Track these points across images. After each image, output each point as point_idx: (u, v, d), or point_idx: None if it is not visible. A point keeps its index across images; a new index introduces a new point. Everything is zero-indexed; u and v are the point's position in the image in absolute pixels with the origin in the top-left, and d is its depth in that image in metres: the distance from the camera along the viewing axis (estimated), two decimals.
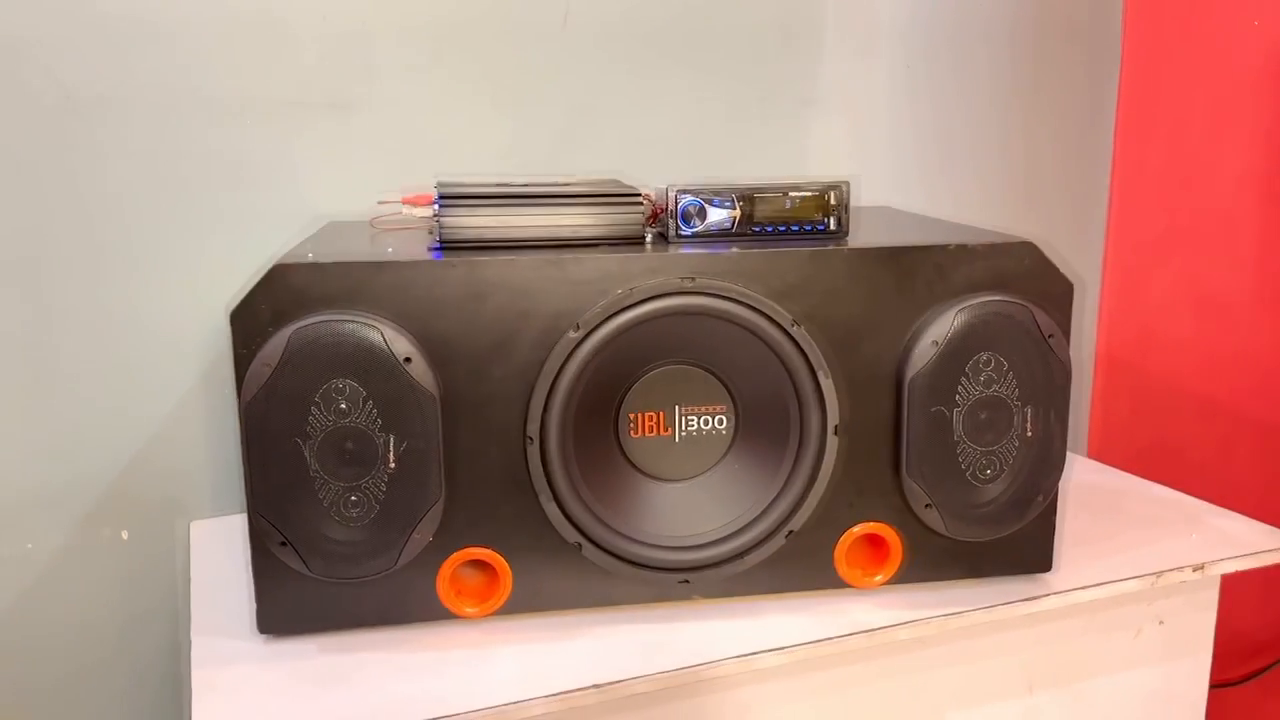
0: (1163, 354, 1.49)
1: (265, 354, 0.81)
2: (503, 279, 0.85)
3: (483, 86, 1.21)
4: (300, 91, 1.14)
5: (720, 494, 0.92)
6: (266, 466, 0.82)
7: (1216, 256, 1.40)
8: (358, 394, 0.82)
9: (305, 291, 0.82)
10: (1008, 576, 0.98)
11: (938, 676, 0.98)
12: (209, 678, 0.83)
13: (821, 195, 0.93)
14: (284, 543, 0.84)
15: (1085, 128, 1.52)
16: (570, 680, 0.82)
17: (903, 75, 1.40)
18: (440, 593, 0.88)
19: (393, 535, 0.85)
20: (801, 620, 0.91)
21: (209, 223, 1.13)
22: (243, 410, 0.81)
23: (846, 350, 0.90)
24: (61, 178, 1.08)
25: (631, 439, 0.91)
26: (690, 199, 0.92)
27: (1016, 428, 0.91)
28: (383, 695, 0.81)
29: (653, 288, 0.86)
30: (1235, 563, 1.03)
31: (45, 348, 1.10)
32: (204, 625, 0.92)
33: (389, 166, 1.19)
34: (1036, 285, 0.92)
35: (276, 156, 1.15)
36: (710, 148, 1.32)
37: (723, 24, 1.30)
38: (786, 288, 0.88)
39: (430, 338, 0.85)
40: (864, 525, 0.93)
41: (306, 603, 0.87)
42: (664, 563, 0.91)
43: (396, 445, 0.83)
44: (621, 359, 0.89)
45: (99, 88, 1.07)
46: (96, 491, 1.13)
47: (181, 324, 1.14)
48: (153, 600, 1.17)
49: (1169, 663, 1.08)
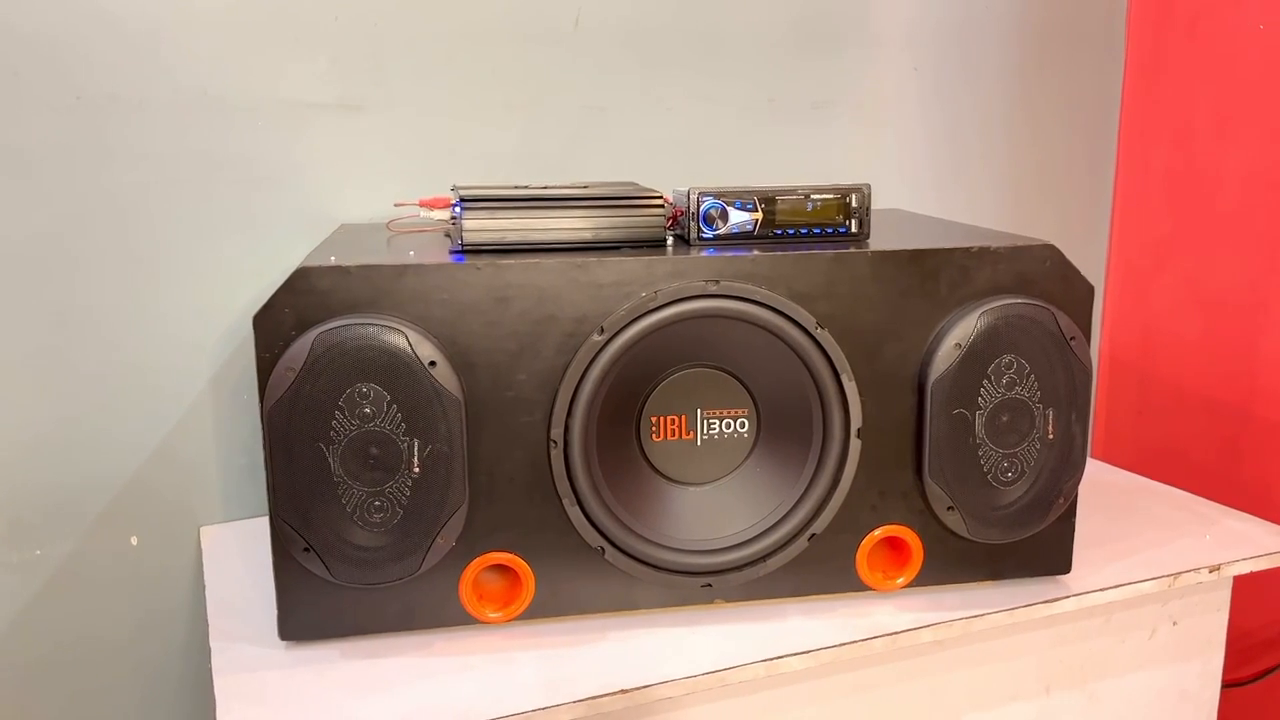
0: (1167, 356, 1.49)
1: (289, 358, 0.80)
2: (526, 282, 0.84)
3: (494, 88, 1.21)
4: (313, 93, 1.14)
5: (742, 497, 0.92)
6: (290, 471, 0.81)
7: (1221, 258, 1.41)
8: (382, 398, 0.81)
9: (329, 295, 0.82)
10: (1027, 578, 0.98)
11: (956, 678, 0.98)
12: (232, 685, 0.82)
13: (843, 198, 0.93)
14: (307, 548, 0.83)
15: (1090, 131, 1.53)
16: (594, 685, 0.82)
17: (910, 79, 1.40)
18: (463, 598, 0.88)
19: (416, 540, 0.84)
20: (824, 624, 0.91)
21: (219, 225, 1.12)
22: (266, 415, 0.81)
23: (869, 353, 0.90)
24: (74, 179, 1.07)
25: (654, 442, 0.90)
26: (712, 201, 0.92)
27: (1038, 430, 0.91)
28: (408, 702, 0.80)
29: (676, 291, 0.86)
30: (1250, 563, 1.04)
31: (55, 351, 1.08)
32: (222, 631, 0.91)
33: (401, 169, 1.18)
34: (1058, 287, 0.92)
35: (288, 158, 1.14)
36: (720, 151, 1.32)
37: (733, 28, 1.30)
38: (809, 290, 0.88)
39: (454, 341, 0.84)
40: (885, 528, 0.93)
41: (329, 609, 0.86)
42: (686, 566, 0.90)
43: (421, 450, 0.82)
44: (644, 362, 0.88)
45: (113, 89, 1.06)
46: (106, 497, 1.12)
47: (192, 327, 1.13)
48: (163, 605, 1.16)
49: (1182, 663, 1.08)
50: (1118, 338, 1.56)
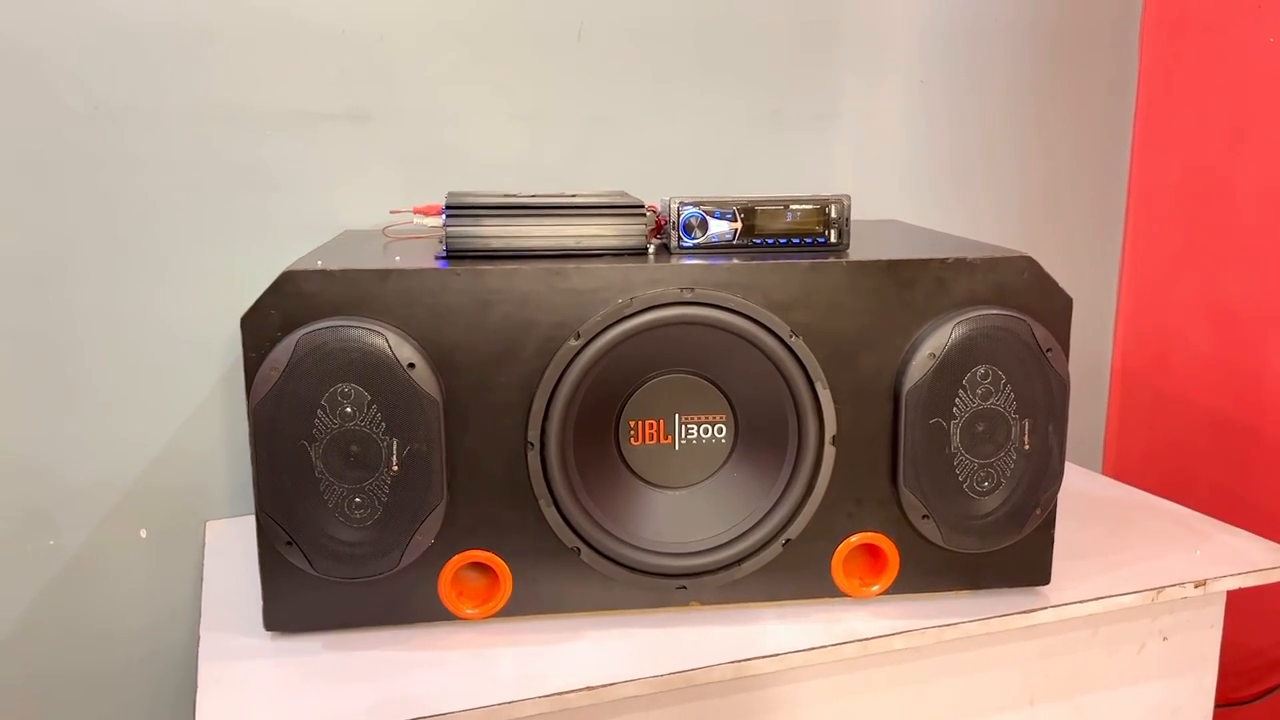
0: (1180, 371, 1.48)
1: (273, 358, 0.83)
2: (506, 288, 0.87)
3: (499, 99, 1.24)
4: (321, 102, 1.17)
5: (718, 502, 0.93)
6: (274, 467, 0.85)
7: (1234, 271, 1.40)
8: (362, 398, 0.84)
9: (313, 298, 0.85)
10: (1006, 589, 0.98)
11: (939, 687, 0.98)
12: (215, 672, 0.86)
13: (821, 208, 0.94)
14: (290, 542, 0.86)
15: (1102, 142, 1.52)
16: (565, 682, 0.84)
17: (917, 91, 1.41)
18: (442, 594, 0.90)
19: (396, 537, 0.87)
20: (797, 628, 0.92)
21: (230, 230, 1.17)
22: (251, 412, 0.84)
23: (845, 361, 0.91)
24: (91, 185, 1.11)
25: (632, 446, 0.92)
26: (692, 211, 0.93)
27: (1014, 440, 0.92)
28: (384, 692, 0.83)
29: (651, 298, 0.87)
30: (1239, 579, 1.03)
31: (71, 350, 1.13)
32: (213, 622, 0.94)
33: (407, 177, 1.22)
34: (1035, 299, 0.92)
35: (298, 166, 1.18)
36: (724, 162, 1.34)
37: (738, 38, 1.32)
38: (785, 299, 0.90)
39: (435, 344, 0.87)
40: (861, 535, 0.94)
41: (312, 601, 0.89)
42: (662, 568, 0.92)
43: (400, 449, 0.85)
44: (623, 367, 0.90)
45: (127, 98, 1.11)
46: (117, 491, 1.17)
47: (202, 329, 1.17)
48: (170, 596, 1.20)
49: (1173, 679, 1.08)
50: (1130, 352, 1.55)
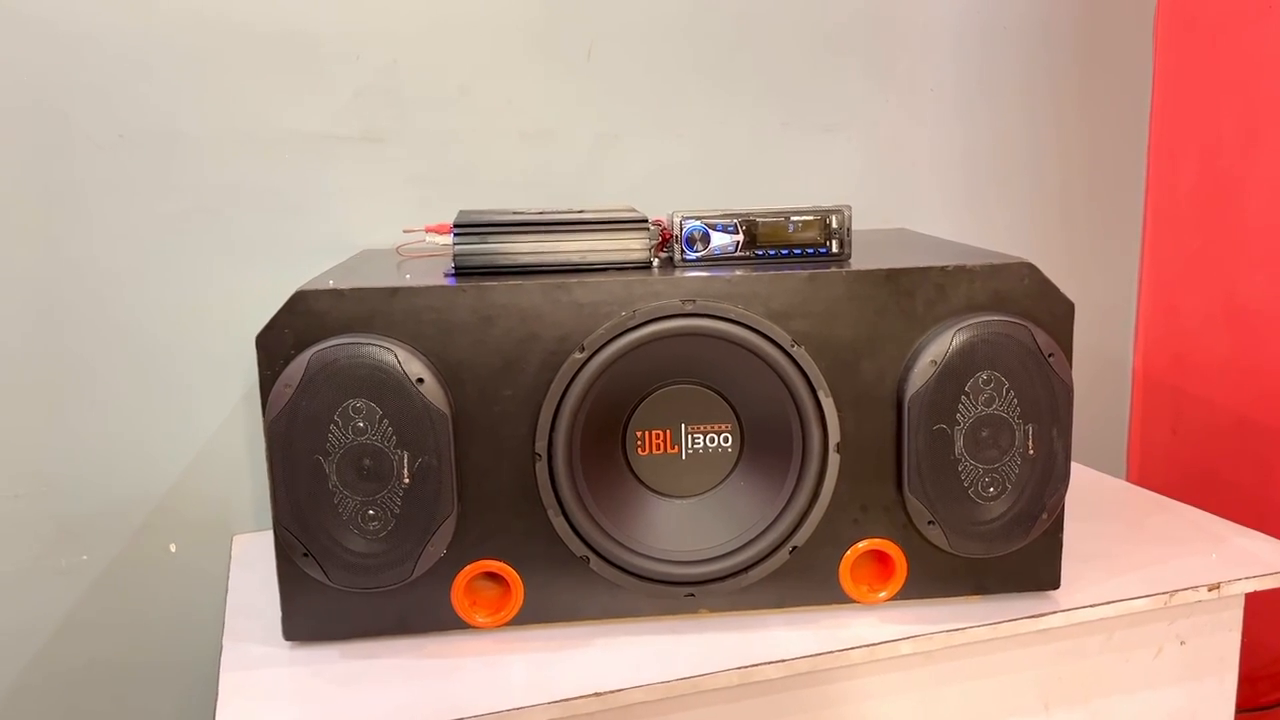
0: (1201, 375, 1.47)
1: (287, 375, 0.86)
2: (510, 303, 0.89)
3: (510, 118, 1.26)
4: (337, 126, 1.21)
5: (725, 510, 0.95)
6: (290, 481, 0.87)
7: (1253, 271, 1.39)
8: (374, 413, 0.86)
9: (325, 316, 0.88)
10: (1016, 593, 0.98)
11: (949, 692, 0.99)
12: (235, 681, 0.88)
13: (823, 219, 0.95)
14: (306, 554, 0.88)
15: (1117, 146, 1.52)
16: (575, 688, 0.85)
17: (928, 100, 1.42)
18: (455, 603, 0.92)
19: (408, 547, 0.89)
20: (804, 634, 0.93)
21: (251, 252, 1.20)
22: (267, 428, 0.86)
23: (847, 369, 0.92)
24: (120, 210, 1.15)
25: (639, 456, 0.94)
26: (694, 224, 0.95)
27: (1018, 445, 0.92)
28: (398, 699, 0.85)
29: (653, 310, 0.89)
30: (1254, 582, 1.02)
31: (101, 371, 1.17)
32: (236, 632, 0.97)
33: (421, 196, 1.25)
34: (1037, 305, 0.93)
35: (315, 188, 1.21)
36: (734, 175, 1.35)
37: (744, 53, 1.33)
38: (786, 309, 0.91)
39: (443, 359, 0.89)
40: (868, 541, 0.95)
41: (329, 612, 0.92)
42: (670, 576, 0.94)
43: (411, 462, 0.87)
44: (628, 379, 0.92)
45: (152, 126, 1.15)
46: (148, 506, 1.20)
47: (226, 349, 1.20)
48: (199, 608, 1.23)
49: (1191, 683, 1.07)
50: (1151, 357, 1.54)
